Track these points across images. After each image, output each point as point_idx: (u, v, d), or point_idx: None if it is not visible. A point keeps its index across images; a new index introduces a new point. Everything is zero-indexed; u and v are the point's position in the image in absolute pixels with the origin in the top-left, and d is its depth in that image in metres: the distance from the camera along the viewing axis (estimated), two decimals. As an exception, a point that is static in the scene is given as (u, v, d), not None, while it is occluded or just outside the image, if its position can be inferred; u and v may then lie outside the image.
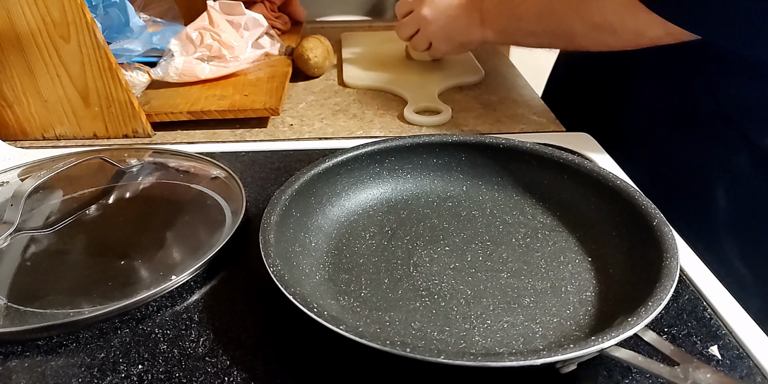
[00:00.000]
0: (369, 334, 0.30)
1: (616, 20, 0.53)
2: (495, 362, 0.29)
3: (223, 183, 0.50)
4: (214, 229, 0.45)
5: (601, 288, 0.39)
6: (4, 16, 0.54)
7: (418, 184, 0.50)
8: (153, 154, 0.56)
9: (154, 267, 0.42)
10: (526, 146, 0.48)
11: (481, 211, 0.47)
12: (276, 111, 0.64)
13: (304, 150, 0.59)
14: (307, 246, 0.42)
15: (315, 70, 0.77)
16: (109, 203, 0.50)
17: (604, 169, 0.45)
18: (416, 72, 0.78)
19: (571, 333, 0.35)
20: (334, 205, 0.47)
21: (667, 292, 0.32)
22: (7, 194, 0.47)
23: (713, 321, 0.37)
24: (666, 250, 0.36)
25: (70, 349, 0.36)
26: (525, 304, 0.38)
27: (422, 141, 0.50)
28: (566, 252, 0.42)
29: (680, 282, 0.40)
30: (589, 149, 0.58)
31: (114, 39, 0.64)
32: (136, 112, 0.61)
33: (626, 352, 0.30)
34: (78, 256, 0.44)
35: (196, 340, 0.36)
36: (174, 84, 0.69)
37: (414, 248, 0.43)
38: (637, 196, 0.41)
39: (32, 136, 0.62)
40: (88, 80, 0.58)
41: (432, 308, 0.38)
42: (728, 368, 0.34)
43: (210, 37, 0.70)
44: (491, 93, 0.74)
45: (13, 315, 0.37)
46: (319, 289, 0.39)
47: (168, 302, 0.39)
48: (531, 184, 0.48)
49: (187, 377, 0.34)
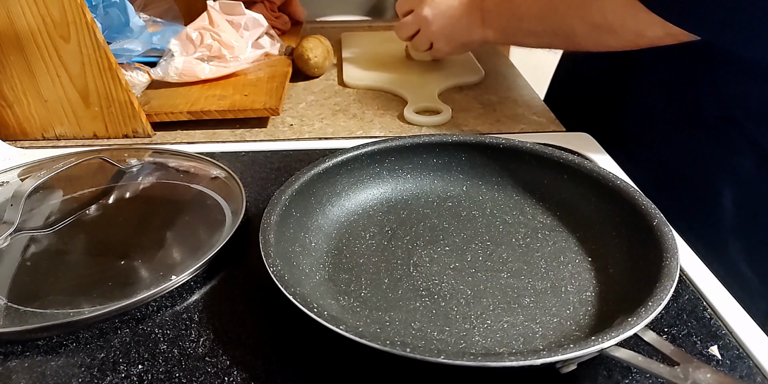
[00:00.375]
0: (369, 334, 0.30)
1: (616, 20, 0.53)
2: (495, 362, 0.29)
3: (223, 183, 0.50)
4: (214, 229, 0.45)
5: (601, 288, 0.39)
6: (4, 16, 0.54)
7: (418, 184, 0.50)
8: (153, 154, 0.56)
9: (154, 267, 0.42)
10: (526, 146, 0.48)
11: (481, 211, 0.47)
12: (276, 111, 0.64)
13: (304, 150, 0.59)
14: (307, 246, 0.42)
15: (315, 70, 0.77)
16: (109, 203, 0.50)
17: (604, 169, 0.45)
18: (416, 72, 0.78)
19: (571, 333, 0.35)
20: (334, 205, 0.47)
21: (667, 292, 0.32)
22: (7, 194, 0.47)
23: (713, 321, 0.37)
24: (666, 250, 0.36)
25: (70, 349, 0.36)
26: (525, 304, 0.38)
27: (422, 141, 0.50)
28: (566, 252, 0.42)
29: (680, 282, 0.40)
30: (589, 149, 0.58)
31: (114, 39, 0.64)
32: (136, 112, 0.61)
33: (626, 352, 0.30)
34: (78, 256, 0.44)
35: (196, 340, 0.36)
36: (174, 84, 0.69)
37: (414, 248, 0.43)
38: (637, 196, 0.41)
39: (32, 136, 0.62)
40: (88, 80, 0.58)
41: (432, 308, 0.38)
42: (728, 368, 0.34)
43: (210, 37, 0.70)
44: (491, 93, 0.74)
45: (13, 315, 0.37)
46: (319, 289, 0.39)
47: (168, 302, 0.39)
48: (531, 184, 0.48)
49: (187, 377, 0.34)
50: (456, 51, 0.73)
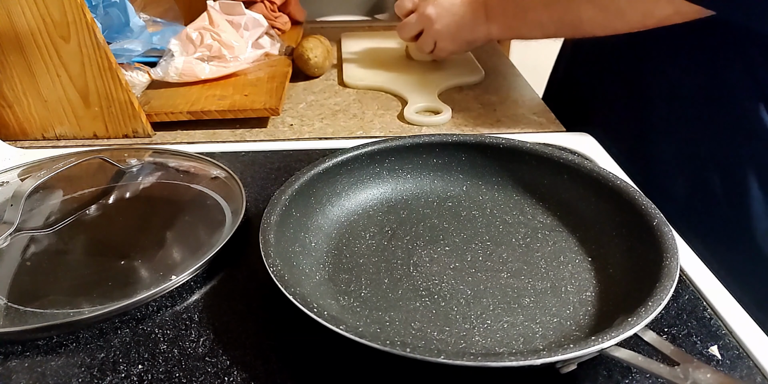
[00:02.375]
0: (369, 334, 0.30)
1: (624, 1, 0.53)
2: (495, 362, 0.29)
3: (223, 183, 0.50)
4: (214, 229, 0.45)
5: (601, 288, 0.39)
6: (4, 16, 0.54)
7: (418, 184, 0.50)
8: (153, 154, 0.56)
9: (154, 267, 0.42)
10: (526, 146, 0.48)
11: (481, 211, 0.47)
12: (276, 111, 0.64)
13: (304, 150, 0.59)
14: (307, 246, 0.42)
15: (315, 70, 0.77)
16: (109, 203, 0.50)
17: (604, 169, 0.45)
18: (416, 72, 0.78)
19: (571, 333, 0.35)
20: (334, 205, 0.47)
21: (667, 292, 0.32)
22: (7, 194, 0.47)
23: (713, 321, 0.37)
24: (666, 250, 0.36)
25: (70, 349, 0.36)
26: (525, 304, 0.38)
27: (422, 141, 0.50)
28: (566, 252, 0.42)
29: (680, 282, 0.40)
30: (589, 149, 0.58)
31: (114, 39, 0.64)
32: (136, 112, 0.61)
33: (626, 352, 0.30)
34: (78, 256, 0.44)
35: (196, 340, 0.36)
36: (174, 84, 0.69)
37: (414, 248, 0.43)
38: (637, 196, 0.41)
39: (32, 136, 0.62)
40: (88, 80, 0.58)
41: (432, 308, 0.38)
42: (728, 368, 0.34)
43: (210, 37, 0.70)
44: (491, 93, 0.74)
45: (13, 315, 0.37)
46: (319, 289, 0.39)
47: (168, 302, 0.39)
48: (531, 184, 0.48)
49: (187, 377, 0.34)
50: (460, 49, 0.73)
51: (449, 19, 0.68)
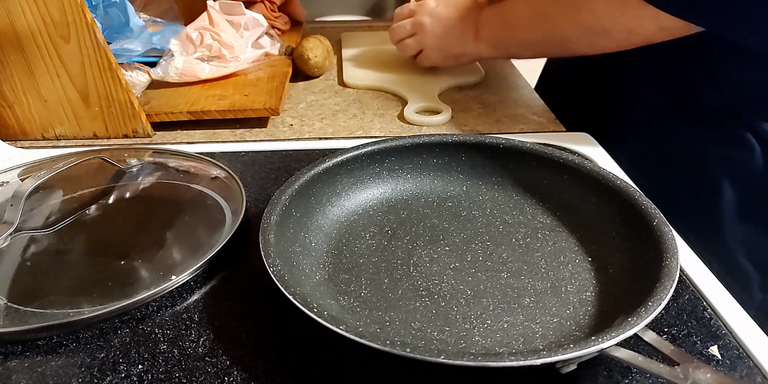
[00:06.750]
0: (369, 334, 0.30)
1: (607, 20, 0.53)
2: (495, 362, 0.29)
3: (223, 183, 0.50)
4: (214, 229, 0.45)
5: (601, 288, 0.39)
6: (4, 16, 0.54)
7: (418, 184, 0.50)
8: (153, 154, 0.56)
9: (154, 267, 0.42)
10: (526, 146, 0.48)
11: (481, 211, 0.47)
12: (276, 111, 0.64)
13: (304, 150, 0.59)
14: (307, 246, 0.42)
15: (315, 70, 0.77)
16: (109, 203, 0.50)
17: (604, 169, 0.45)
18: (416, 72, 0.78)
19: (571, 333, 0.35)
20: (334, 205, 0.47)
21: (667, 292, 0.32)
22: (7, 194, 0.47)
23: (713, 321, 0.37)
24: (666, 250, 0.36)
25: (70, 349, 0.36)
26: (525, 304, 0.38)
27: (422, 141, 0.50)
28: (566, 252, 0.42)
29: (680, 282, 0.40)
30: (589, 149, 0.58)
31: (114, 39, 0.64)
32: (136, 112, 0.61)
33: (626, 352, 0.30)
34: (78, 256, 0.44)
35: (196, 340, 0.36)
36: (174, 84, 0.69)
37: (414, 248, 0.43)
38: (637, 196, 0.41)
39: (32, 136, 0.62)
40: (88, 80, 0.58)
41: (432, 308, 0.38)
42: (728, 368, 0.34)
43: (210, 37, 0.70)
44: (491, 93, 0.74)
45: (13, 315, 0.37)
46: (319, 289, 0.39)
47: (168, 302, 0.39)
48: (531, 184, 0.48)
49: (187, 377, 0.34)
50: (444, 62, 0.73)
51: (441, 30, 0.69)
